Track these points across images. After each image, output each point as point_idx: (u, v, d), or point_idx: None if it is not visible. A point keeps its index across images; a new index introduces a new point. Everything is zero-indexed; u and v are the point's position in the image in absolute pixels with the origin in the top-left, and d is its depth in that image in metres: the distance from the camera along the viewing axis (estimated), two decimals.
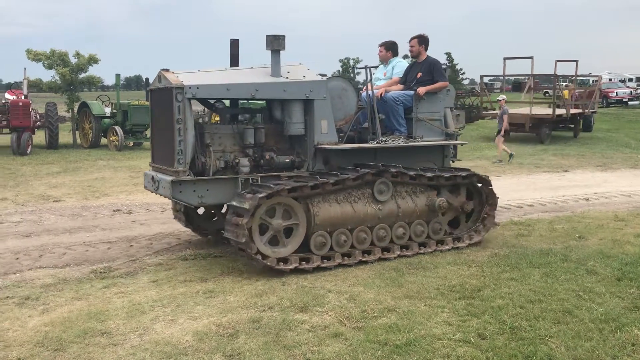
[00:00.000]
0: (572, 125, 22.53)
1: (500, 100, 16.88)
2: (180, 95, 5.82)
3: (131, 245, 7.19)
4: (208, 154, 6.20)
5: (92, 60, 19.65)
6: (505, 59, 21.89)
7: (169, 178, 5.92)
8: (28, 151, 16.85)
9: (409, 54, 7.67)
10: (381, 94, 7.01)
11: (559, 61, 22.06)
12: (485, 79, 27.52)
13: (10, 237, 7.54)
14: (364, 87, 7.11)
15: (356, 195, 6.39)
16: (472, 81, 50.67)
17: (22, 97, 18.27)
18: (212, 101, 6.64)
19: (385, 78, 7.69)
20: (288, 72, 6.53)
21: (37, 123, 18.65)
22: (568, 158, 16.80)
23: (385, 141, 6.70)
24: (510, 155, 15.83)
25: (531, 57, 21.05)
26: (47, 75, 28.64)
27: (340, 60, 38.10)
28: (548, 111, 21.20)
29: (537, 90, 26.21)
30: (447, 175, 6.87)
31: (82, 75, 19.74)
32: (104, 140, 19.57)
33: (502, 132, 16.18)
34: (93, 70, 20.49)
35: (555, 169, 14.58)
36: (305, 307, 4.96)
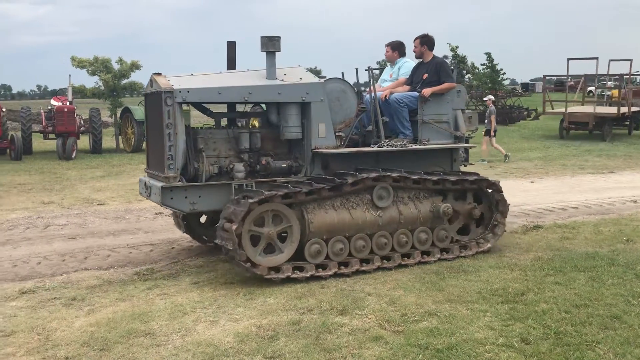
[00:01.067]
0: (627, 123, 22.94)
1: (487, 100, 17.44)
2: (169, 100, 5.70)
3: (173, 248, 7.30)
4: (201, 159, 6.04)
5: (135, 66, 20.06)
6: (569, 59, 21.98)
7: (160, 184, 5.80)
8: (73, 156, 17.31)
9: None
10: (385, 96, 6.81)
11: (612, 60, 22.30)
12: (526, 80, 27.28)
13: (57, 239, 7.76)
14: (368, 89, 6.96)
15: (354, 201, 6.14)
16: (513, 81, 49.80)
17: (67, 104, 18.79)
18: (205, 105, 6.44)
19: (392, 79, 7.46)
20: (285, 75, 6.36)
21: (82, 128, 19.16)
22: (614, 159, 16.32)
23: (387, 145, 6.46)
24: (506, 157, 15.89)
25: (596, 58, 21.44)
26: (91, 82, 29.35)
27: (378, 62, 37.95)
28: (610, 109, 22.31)
29: (582, 89, 25.75)
30: (452, 179, 6.54)
31: (124, 81, 20.17)
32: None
33: (492, 133, 16.37)
34: (135, 77, 20.85)
35: (600, 170, 14.18)
36: (345, 310, 4.94)
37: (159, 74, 6.05)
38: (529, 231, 7.82)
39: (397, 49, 7.48)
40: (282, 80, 6.25)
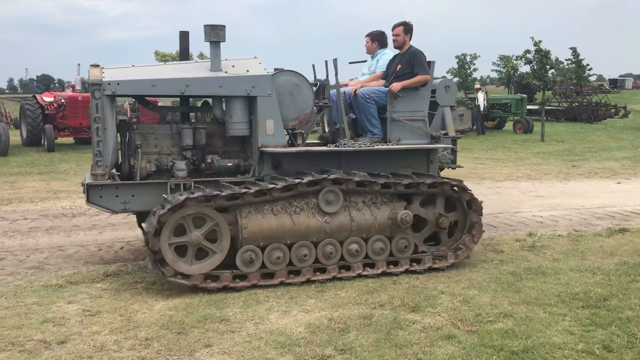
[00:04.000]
0: None
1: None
2: (97, 92, 5.33)
3: None
4: (136, 156, 5.71)
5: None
6: None
7: (87, 181, 5.51)
8: None
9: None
10: (355, 91, 6.30)
11: None
12: (614, 76, 25.92)
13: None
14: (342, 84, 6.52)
15: (298, 205, 5.56)
16: (600, 77, 47.42)
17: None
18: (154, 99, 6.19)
19: (370, 73, 6.87)
20: (233, 67, 5.87)
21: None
22: None
23: (344, 144, 5.90)
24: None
25: None
26: None
27: (457, 57, 37.12)
28: None
29: None
30: (405, 182, 5.76)
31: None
32: None
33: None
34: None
35: None
36: (417, 307, 4.89)
37: (96, 66, 5.65)
38: (613, 234, 7.44)
39: (377, 39, 6.85)
40: (226, 72, 5.78)
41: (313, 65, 6.33)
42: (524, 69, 27.11)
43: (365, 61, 7.10)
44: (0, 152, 15.77)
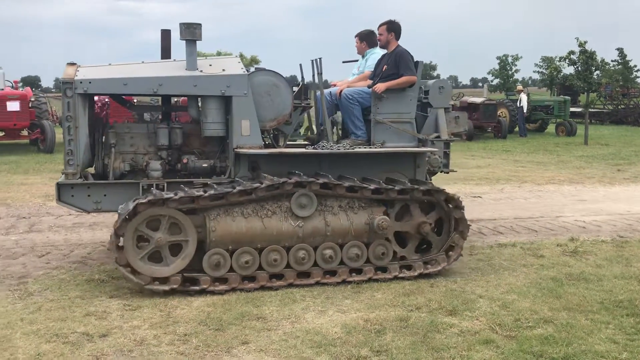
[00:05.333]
0: None
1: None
2: (69, 91, 5.35)
3: None
4: (110, 156, 5.72)
5: (254, 61, 20.92)
6: None
7: (58, 181, 5.53)
8: None
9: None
10: (341, 91, 6.15)
11: None
12: None
13: None
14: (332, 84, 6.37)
15: (270, 208, 5.40)
16: None
17: None
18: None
19: (359, 73, 6.75)
20: (210, 66, 5.78)
21: None
22: None
23: (323, 147, 5.77)
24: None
25: None
26: None
27: (498, 57, 36.59)
28: None
29: None
30: (372, 187, 5.54)
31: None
32: None
33: None
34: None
35: None
36: (455, 311, 4.84)
37: (73, 64, 5.67)
38: None
39: (366, 39, 6.72)
40: (201, 71, 5.69)
41: (300, 65, 6.22)
42: (568, 70, 26.57)
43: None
44: (47, 150, 16.23)
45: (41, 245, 6.87)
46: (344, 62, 6.99)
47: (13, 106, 16.06)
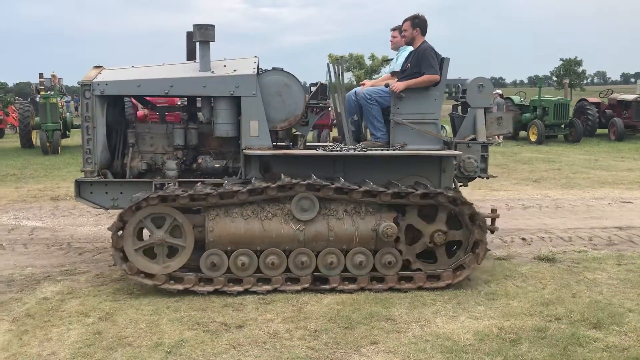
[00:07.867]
0: None
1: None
2: (88, 92, 5.57)
3: None
4: (128, 155, 5.84)
5: (385, 61, 20.86)
6: None
7: (77, 178, 5.74)
8: None
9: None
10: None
11: None
12: None
13: None
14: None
15: (271, 210, 5.25)
16: None
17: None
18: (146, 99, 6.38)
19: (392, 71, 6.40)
20: (224, 67, 5.74)
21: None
22: None
23: (332, 148, 5.51)
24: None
25: None
26: (346, 78, 31.45)
27: (562, 59, 33.53)
28: None
29: None
30: (374, 192, 5.21)
31: (375, 77, 21.12)
32: None
33: None
34: (386, 72, 21.81)
35: None
36: (599, 324, 4.48)
37: (98, 67, 5.92)
38: None
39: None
40: (213, 72, 5.67)
41: (328, 65, 5.99)
42: None
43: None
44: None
45: None
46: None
47: None
